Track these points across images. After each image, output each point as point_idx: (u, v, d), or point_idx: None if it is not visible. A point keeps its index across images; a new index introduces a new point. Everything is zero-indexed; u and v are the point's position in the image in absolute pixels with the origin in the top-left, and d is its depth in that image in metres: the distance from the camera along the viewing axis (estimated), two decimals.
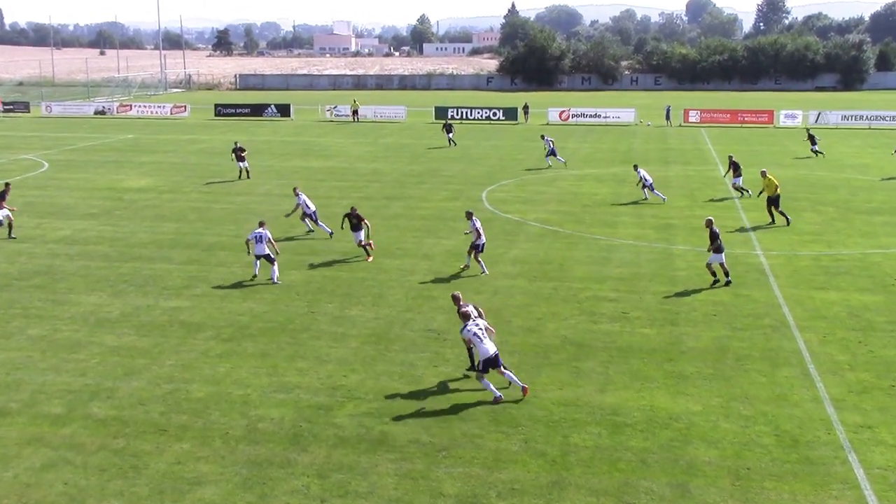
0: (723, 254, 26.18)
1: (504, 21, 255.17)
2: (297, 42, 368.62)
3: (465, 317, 18.42)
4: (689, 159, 53.68)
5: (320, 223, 32.69)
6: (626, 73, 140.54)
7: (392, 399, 18.13)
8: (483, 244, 27.77)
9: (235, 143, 47.25)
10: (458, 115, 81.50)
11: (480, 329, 18.17)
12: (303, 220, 33.16)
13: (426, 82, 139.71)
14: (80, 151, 58.79)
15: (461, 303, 19.42)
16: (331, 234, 32.24)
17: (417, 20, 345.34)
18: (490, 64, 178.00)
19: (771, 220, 34.68)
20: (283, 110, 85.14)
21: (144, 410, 17.61)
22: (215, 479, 14.99)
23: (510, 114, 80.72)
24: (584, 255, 30.00)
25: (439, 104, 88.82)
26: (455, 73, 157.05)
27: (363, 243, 29.49)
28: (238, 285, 26.30)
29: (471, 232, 27.83)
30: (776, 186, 34.84)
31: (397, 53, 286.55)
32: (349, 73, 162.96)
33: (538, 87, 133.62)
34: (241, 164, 45.73)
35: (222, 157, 54.78)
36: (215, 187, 43.70)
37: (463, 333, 18.25)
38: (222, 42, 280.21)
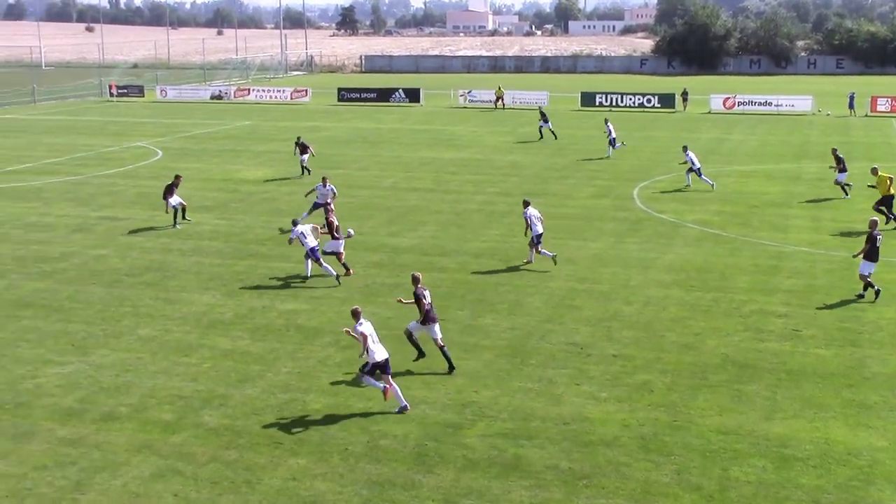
0: (875, 263, 25.41)
1: None
2: (428, 20, 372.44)
3: (417, 300, 20.49)
4: (876, 155, 51.79)
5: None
6: (803, 54, 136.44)
7: (528, 419, 18.16)
8: (539, 234, 28.80)
9: (298, 138, 47.12)
10: (606, 101, 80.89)
11: (374, 332, 18.56)
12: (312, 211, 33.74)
13: (571, 64, 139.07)
14: (194, 139, 60.95)
15: (419, 285, 20.73)
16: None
17: None
18: (644, 44, 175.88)
19: (886, 220, 33.64)
20: (412, 95, 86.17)
21: (258, 420, 18.14)
22: (333, 498, 15.33)
23: (666, 100, 79.60)
24: (749, 263, 29.35)
25: (586, 89, 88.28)
26: (604, 54, 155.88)
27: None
28: (360, 288, 26.78)
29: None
30: (888, 185, 34.05)
31: (539, 32, 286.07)
32: (485, 54, 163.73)
33: (699, 70, 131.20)
34: (303, 157, 45.75)
35: (346, 147, 55.89)
36: (337, 180, 44.52)
37: (354, 330, 18.45)
38: (347, 20, 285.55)
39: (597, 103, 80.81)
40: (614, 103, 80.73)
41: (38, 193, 41.31)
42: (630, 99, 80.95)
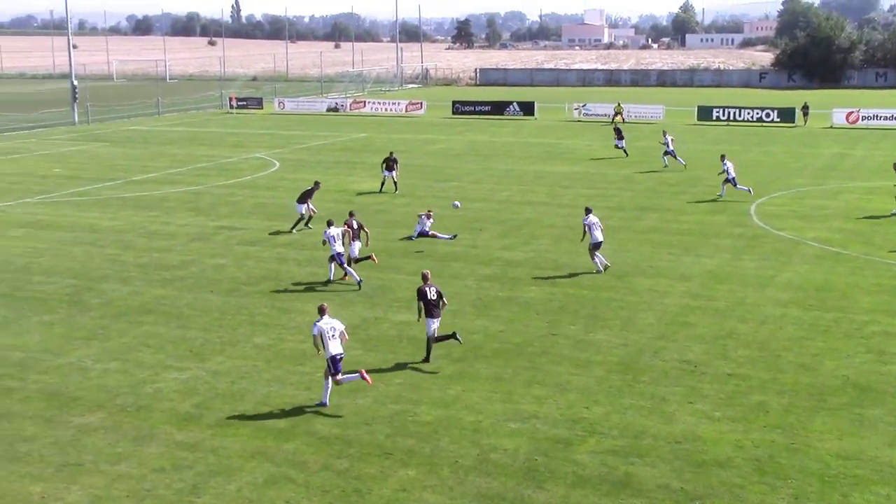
0: None
1: (782, 8, 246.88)
2: (543, 33, 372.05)
3: (421, 295, 21.79)
4: None
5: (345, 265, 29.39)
6: None
7: (639, 437, 17.94)
8: (598, 242, 29.59)
9: (391, 153, 46.77)
10: (724, 115, 79.55)
11: (331, 329, 19.33)
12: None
13: (688, 78, 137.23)
14: (310, 150, 62.01)
15: (428, 282, 22.04)
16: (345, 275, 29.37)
17: (680, 8, 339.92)
18: (764, 57, 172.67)
19: None
20: (527, 108, 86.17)
21: (369, 431, 18.32)
22: None
23: (786, 115, 77.91)
24: (872, 283, 28.49)
25: (702, 103, 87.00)
26: (722, 67, 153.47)
27: (358, 258, 29.53)
28: (472, 301, 26.85)
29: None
30: None
31: (655, 46, 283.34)
32: (601, 67, 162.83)
33: (821, 84, 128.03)
34: (386, 173, 45.53)
35: (459, 160, 56.17)
36: (452, 192, 44.80)
37: (313, 329, 19.42)
38: (462, 34, 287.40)
39: (714, 118, 79.56)
40: (732, 117, 79.34)
41: (160, 203, 42.54)
42: (748, 113, 79.46)
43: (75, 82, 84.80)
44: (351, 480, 16.36)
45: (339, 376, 19.41)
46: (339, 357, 19.36)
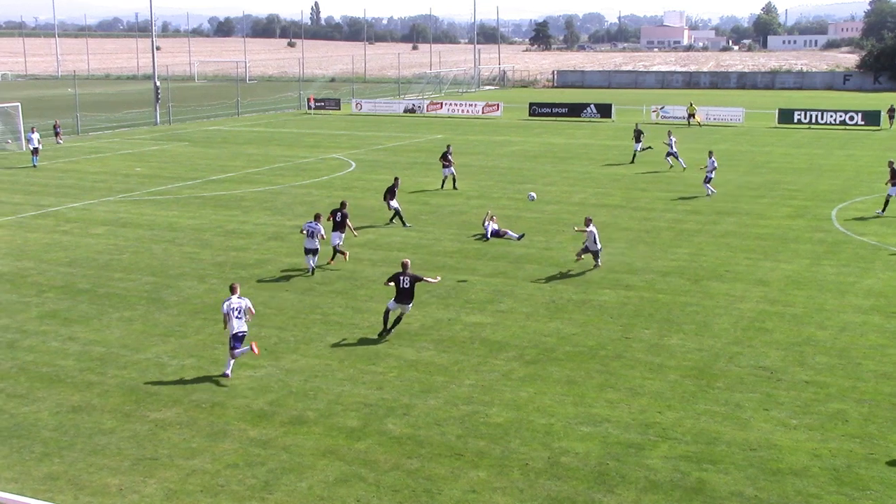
0: None
1: (869, 8, 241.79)
2: (621, 35, 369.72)
3: (394, 282, 23.73)
4: None
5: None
6: None
7: (713, 443, 17.70)
8: (598, 251, 29.69)
9: (448, 146, 47.54)
10: (805, 118, 78.18)
11: (237, 309, 21.08)
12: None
13: (769, 80, 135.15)
14: (387, 151, 62.35)
15: (406, 271, 23.77)
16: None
17: (762, 9, 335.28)
18: (848, 59, 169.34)
19: None
20: (604, 111, 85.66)
21: (440, 431, 18.36)
22: None
23: (871, 118, 76.32)
24: None
25: (784, 106, 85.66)
26: (805, 69, 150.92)
27: (339, 248, 31.46)
28: (546, 303, 26.75)
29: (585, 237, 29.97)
30: None
31: (736, 47, 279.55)
32: (679, 69, 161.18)
33: None
34: (446, 171, 45.92)
35: (535, 162, 56.01)
36: (527, 194, 44.69)
37: (222, 307, 21.29)
38: (540, 35, 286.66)
39: (795, 120, 78.26)
40: (814, 120, 77.96)
41: (238, 202, 43.12)
42: (831, 116, 78.01)
43: (158, 83, 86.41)
44: (421, 481, 16.41)
45: (236, 351, 21.15)
46: (240, 334, 21.13)
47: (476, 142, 67.30)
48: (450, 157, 45.92)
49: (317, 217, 30.23)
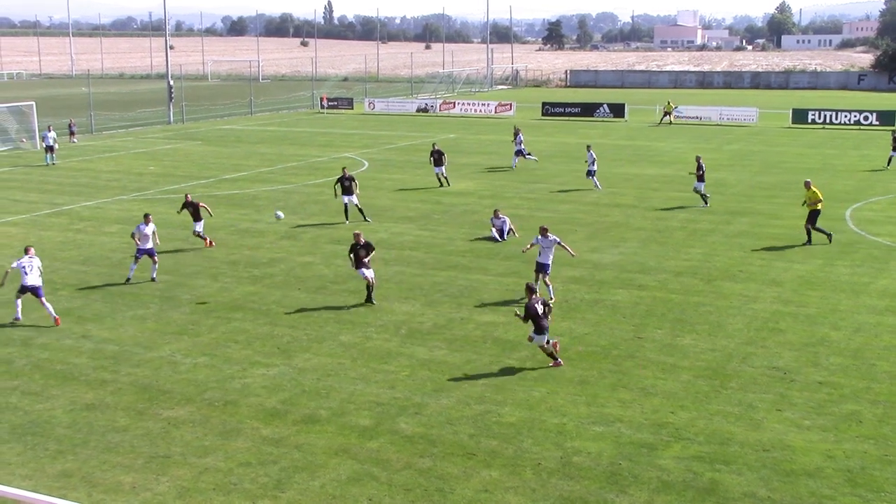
0: None
1: (884, 7, 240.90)
2: (635, 34, 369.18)
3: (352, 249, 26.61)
4: None
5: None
6: None
7: (726, 444, 17.66)
8: (546, 265, 26.78)
9: (434, 145, 48.24)
10: (819, 118, 77.91)
11: (29, 266, 24.74)
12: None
13: (783, 80, 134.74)
14: (399, 151, 62.37)
15: (359, 240, 26.46)
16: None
17: (776, 8, 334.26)
18: (863, 59, 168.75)
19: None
20: (617, 110, 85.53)
21: (453, 431, 18.36)
22: None
23: (886, 118, 75.99)
24: None
25: (797, 105, 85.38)
26: (819, 69, 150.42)
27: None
28: (558, 303, 26.72)
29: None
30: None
31: (750, 47, 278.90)
32: (693, 69, 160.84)
33: None
34: (436, 169, 46.43)
35: (548, 161, 55.96)
36: (539, 193, 44.71)
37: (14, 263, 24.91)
38: (553, 35, 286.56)
39: (809, 120, 77.98)
40: (828, 120, 77.68)
41: (251, 201, 43.19)
42: (845, 116, 77.72)
43: (171, 82, 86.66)
44: (433, 479, 16.41)
45: (47, 303, 25.05)
46: (34, 287, 24.87)
47: (488, 141, 67.26)
48: (440, 156, 46.25)
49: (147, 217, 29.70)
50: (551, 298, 26.63)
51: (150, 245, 29.45)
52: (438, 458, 17.22)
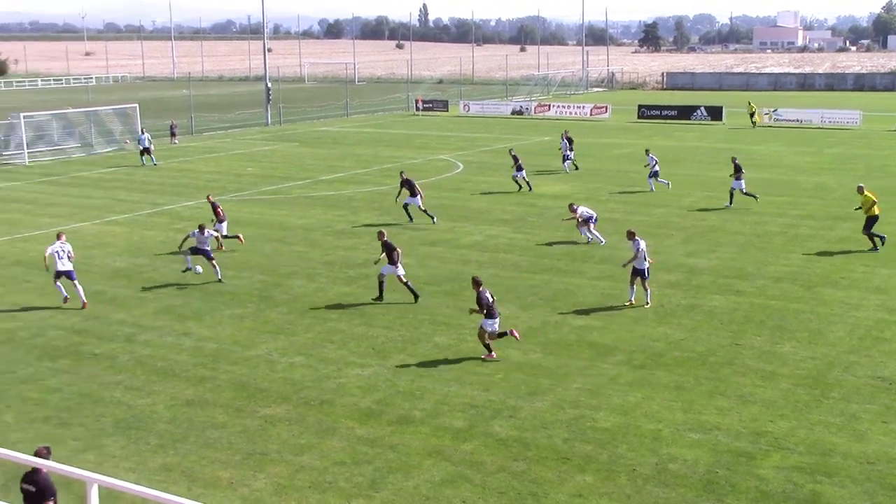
0: None
1: None
2: (733, 36, 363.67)
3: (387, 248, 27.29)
4: None
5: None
6: None
7: (828, 455, 17.26)
8: (640, 269, 26.41)
9: (511, 151, 47.95)
10: None
11: (61, 251, 26.68)
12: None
13: (889, 82, 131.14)
14: (494, 153, 62.34)
15: (385, 238, 27.50)
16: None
17: (882, 8, 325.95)
18: None
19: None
20: (714, 113, 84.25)
21: (547, 434, 18.28)
22: None
23: None
24: None
25: None
26: None
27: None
28: (654, 308, 26.43)
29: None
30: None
31: (854, 48, 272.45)
32: (793, 71, 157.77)
33: None
34: (517, 174, 46.02)
35: (642, 165, 55.40)
36: (633, 197, 44.29)
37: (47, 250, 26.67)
38: (650, 37, 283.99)
39: None
40: None
41: (347, 202, 43.61)
42: None
43: (269, 84, 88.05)
44: (527, 483, 16.37)
45: (79, 285, 26.95)
46: (67, 272, 26.67)
47: (583, 144, 66.82)
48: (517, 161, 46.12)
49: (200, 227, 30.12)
50: (647, 303, 26.40)
51: (207, 247, 30.05)
52: (532, 461, 17.17)
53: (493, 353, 22.59)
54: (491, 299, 22.49)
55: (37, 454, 12.25)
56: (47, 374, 22.01)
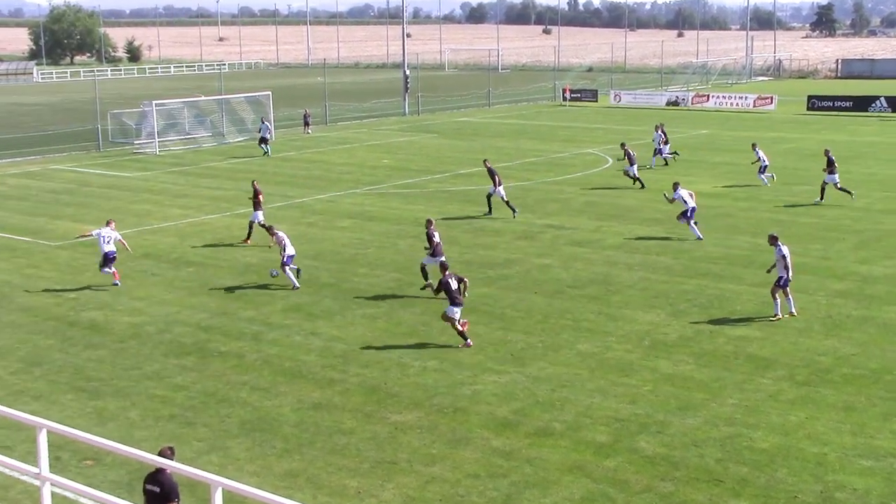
0: None
1: None
2: None
3: (429, 239, 29.71)
4: None
5: None
6: None
7: None
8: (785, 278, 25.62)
9: (622, 145, 47.72)
10: None
11: (108, 237, 29.58)
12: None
13: None
14: (646, 147, 61.53)
15: (432, 226, 28.72)
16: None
17: None
18: None
19: None
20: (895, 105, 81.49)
21: (698, 453, 17.96)
22: None
23: None
24: None
25: None
26: None
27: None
28: (822, 318, 25.71)
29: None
30: None
31: None
32: None
33: None
34: (630, 168, 45.67)
35: (812, 161, 53.87)
36: (801, 197, 43.11)
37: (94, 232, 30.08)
38: (823, 20, 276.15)
39: None
40: None
41: (482, 199, 43.55)
42: None
43: (408, 72, 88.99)
44: None
45: (111, 269, 29.70)
46: (112, 255, 29.46)
47: (746, 138, 65.33)
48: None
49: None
50: (791, 313, 25.72)
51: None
52: (681, 482, 16.89)
53: (468, 340, 23.92)
54: (456, 285, 23.95)
55: (161, 454, 12.63)
56: (173, 372, 22.74)
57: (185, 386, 21.82)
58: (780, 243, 26.02)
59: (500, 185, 39.39)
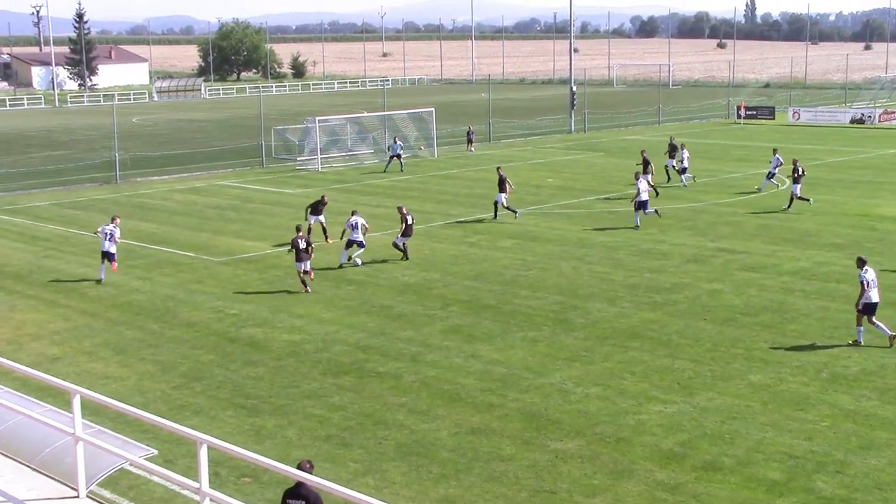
0: None
1: None
2: None
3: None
4: None
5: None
6: None
7: None
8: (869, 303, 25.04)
9: (642, 153, 46.37)
10: None
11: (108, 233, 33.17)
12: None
13: None
14: (828, 168, 60.00)
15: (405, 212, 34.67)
16: None
17: None
18: None
19: None
20: None
21: (883, 497, 17.34)
22: None
23: None
24: None
25: None
26: None
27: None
28: None
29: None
30: None
31: None
32: None
33: None
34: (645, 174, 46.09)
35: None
36: None
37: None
38: None
39: None
40: None
41: (654, 219, 43.07)
42: None
43: (574, 88, 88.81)
44: None
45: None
46: (110, 253, 32.74)
47: None
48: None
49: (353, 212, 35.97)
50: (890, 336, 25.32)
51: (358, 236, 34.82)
52: None
53: (308, 287, 31.27)
54: (304, 245, 31.33)
55: (299, 467, 12.75)
56: (331, 391, 23.18)
57: (343, 406, 22.22)
58: (865, 267, 25.61)
59: (504, 192, 43.41)
